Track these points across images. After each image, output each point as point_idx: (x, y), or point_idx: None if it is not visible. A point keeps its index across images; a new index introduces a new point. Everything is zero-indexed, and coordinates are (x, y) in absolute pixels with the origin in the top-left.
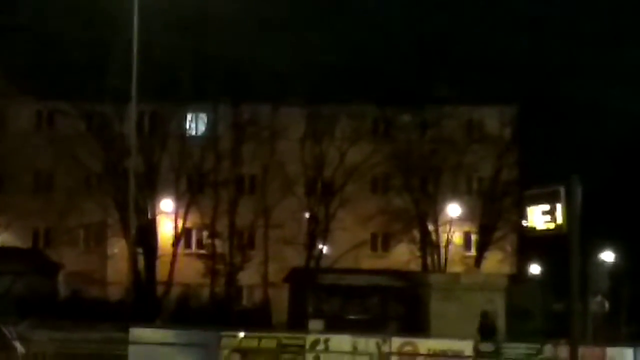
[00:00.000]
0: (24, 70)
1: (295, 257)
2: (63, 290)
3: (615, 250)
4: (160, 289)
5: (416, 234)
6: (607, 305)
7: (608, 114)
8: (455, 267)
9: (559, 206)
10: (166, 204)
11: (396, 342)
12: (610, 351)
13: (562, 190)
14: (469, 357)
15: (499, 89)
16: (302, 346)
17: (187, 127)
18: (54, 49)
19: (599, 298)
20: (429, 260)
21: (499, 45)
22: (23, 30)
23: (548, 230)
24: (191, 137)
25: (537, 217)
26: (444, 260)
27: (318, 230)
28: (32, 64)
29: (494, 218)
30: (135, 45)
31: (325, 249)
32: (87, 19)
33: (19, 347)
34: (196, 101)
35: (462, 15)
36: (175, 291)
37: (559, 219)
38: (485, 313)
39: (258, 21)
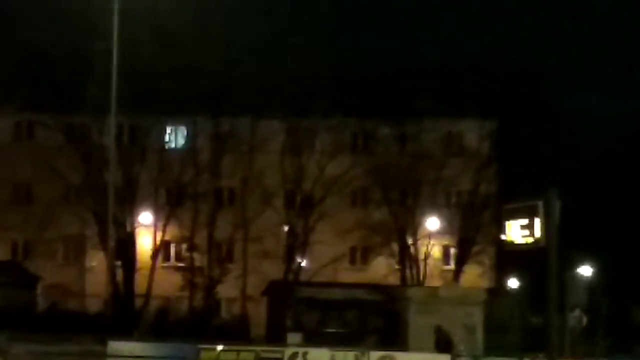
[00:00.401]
0: (3, 81)
1: (273, 271)
2: (41, 302)
3: (593, 264)
4: (138, 302)
5: (395, 247)
6: (585, 319)
7: (587, 129)
8: (433, 281)
9: (537, 220)
10: (145, 217)
11: (374, 355)
12: None
13: (540, 204)
14: None
15: (478, 103)
16: (281, 359)
17: (167, 139)
18: (33, 61)
19: (576, 312)
20: (407, 273)
21: (478, 60)
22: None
23: (526, 244)
24: (170, 149)
25: (516, 231)
26: (422, 274)
27: (297, 243)
28: (11, 75)
29: (473, 232)
30: (115, 57)
31: (304, 262)
32: (67, 31)
33: None
34: (175, 114)
35: (442, 29)
36: (154, 304)
37: (537, 233)
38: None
39: (238, 34)
